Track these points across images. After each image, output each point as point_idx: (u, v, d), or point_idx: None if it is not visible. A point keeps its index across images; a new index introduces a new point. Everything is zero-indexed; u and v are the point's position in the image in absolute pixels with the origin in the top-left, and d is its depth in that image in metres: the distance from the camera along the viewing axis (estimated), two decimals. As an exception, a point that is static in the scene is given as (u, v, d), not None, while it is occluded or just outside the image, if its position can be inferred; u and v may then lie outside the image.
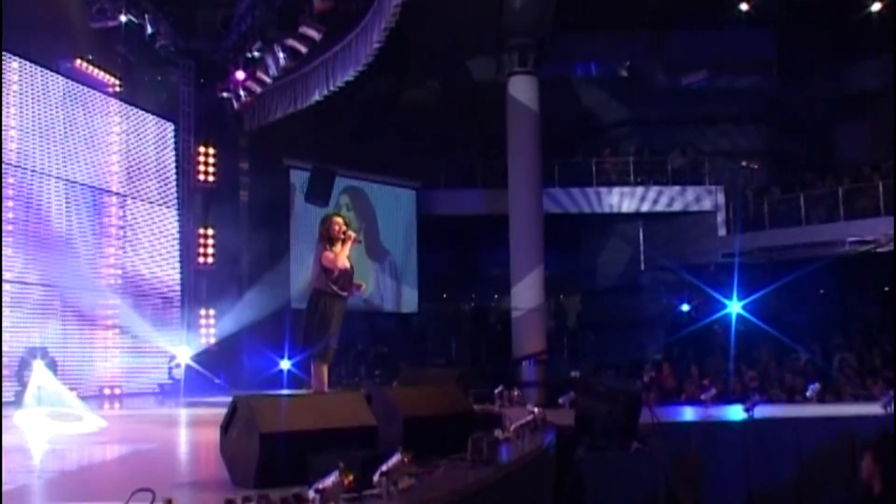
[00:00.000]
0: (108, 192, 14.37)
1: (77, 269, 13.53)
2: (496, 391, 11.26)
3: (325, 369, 8.59)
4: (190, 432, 8.18)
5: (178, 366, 15.00)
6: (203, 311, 16.03)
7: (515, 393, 10.69)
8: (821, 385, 11.08)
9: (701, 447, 8.03)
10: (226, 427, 5.16)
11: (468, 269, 24.26)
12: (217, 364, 16.06)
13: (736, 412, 9.15)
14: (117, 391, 13.78)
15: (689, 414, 9.78)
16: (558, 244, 21.18)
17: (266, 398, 5.21)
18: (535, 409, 7.95)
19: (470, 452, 5.68)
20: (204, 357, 15.55)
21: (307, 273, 8.79)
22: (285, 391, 15.93)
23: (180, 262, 15.81)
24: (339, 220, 8.74)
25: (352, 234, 8.57)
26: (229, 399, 13.31)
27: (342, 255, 8.39)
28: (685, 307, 20.20)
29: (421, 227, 20.95)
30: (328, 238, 8.46)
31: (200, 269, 16.04)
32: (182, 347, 15.18)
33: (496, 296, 24.70)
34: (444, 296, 24.81)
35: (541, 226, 19.70)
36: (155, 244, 15.32)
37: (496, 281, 23.49)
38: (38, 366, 11.58)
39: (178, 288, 15.72)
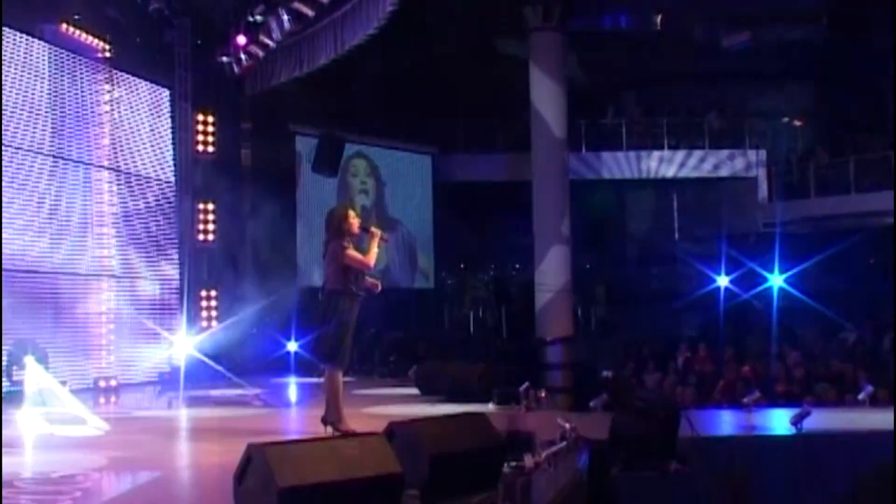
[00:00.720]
0: (98, 167, 14.29)
1: (67, 253, 13.50)
2: (521, 389, 11.24)
3: (339, 376, 8.68)
4: (195, 450, 8.16)
5: (177, 353, 15.02)
6: (204, 293, 16.03)
7: (542, 394, 10.70)
8: (873, 387, 11.00)
9: (746, 466, 7.98)
10: (239, 477, 5.13)
11: (488, 239, 24.17)
12: (220, 349, 16.10)
13: (782, 421, 9.09)
14: (113, 383, 13.81)
15: (730, 422, 9.73)
16: (585, 212, 21.10)
17: (282, 447, 5.16)
18: (567, 425, 7.91)
19: (501, 496, 5.66)
20: (205, 342, 15.58)
21: (324, 269, 8.82)
22: (293, 378, 16.07)
23: (178, 240, 15.77)
24: (353, 213, 8.82)
25: (377, 230, 8.68)
26: (233, 391, 13.41)
27: (372, 255, 8.52)
28: (722, 281, 20.09)
29: (437, 195, 20.87)
30: (347, 234, 8.53)
31: (200, 248, 16.01)
32: (181, 334, 15.20)
33: (518, 266, 24.66)
34: (462, 266, 24.80)
35: (566, 193, 19.60)
36: (151, 222, 15.28)
37: (518, 250, 23.43)
38: (31, 363, 11.59)
39: (176, 269, 15.70)
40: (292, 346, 17.42)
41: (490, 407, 10.95)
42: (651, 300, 21.24)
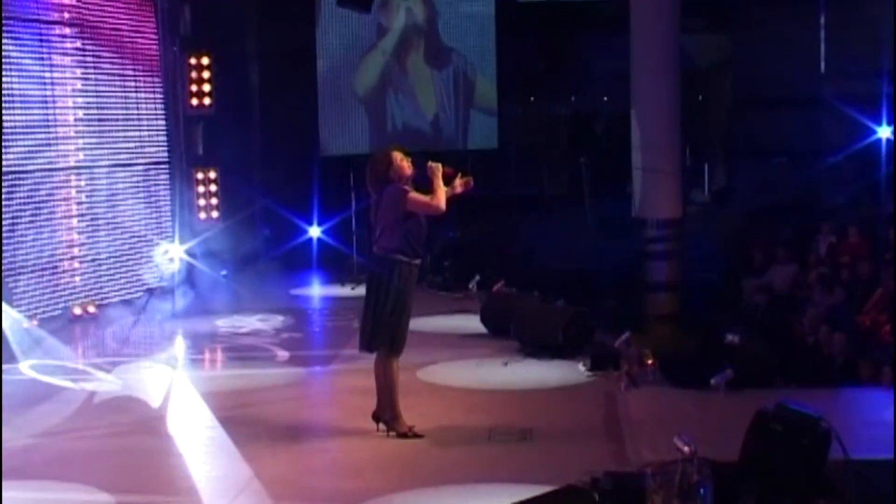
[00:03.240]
0: (55, 23, 14.23)
1: (20, 143, 13.51)
2: (620, 342, 11.45)
3: (396, 365, 9.05)
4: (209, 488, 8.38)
5: (169, 259, 15.34)
6: (200, 175, 16.15)
7: (649, 361, 10.86)
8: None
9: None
10: None
11: (566, 64, 23.91)
12: (224, 245, 16.36)
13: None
14: (91, 309, 14.18)
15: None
16: (698, 32, 20.74)
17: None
18: (686, 448, 8.10)
19: None
20: (205, 240, 15.84)
21: (375, 227, 9.01)
22: (317, 289, 16.40)
23: (165, 106, 15.83)
24: (399, 154, 9.04)
25: (435, 164, 8.95)
26: (245, 323, 13.72)
27: (440, 192, 8.81)
28: (884, 132, 19.88)
29: (501, 19, 20.61)
30: (400, 179, 8.88)
31: (194, 115, 16.03)
32: (172, 232, 15.48)
33: (606, 97, 24.50)
34: (533, 99, 24.68)
35: (674, 8, 19.18)
36: (128, 86, 15.30)
37: (606, 79, 23.19)
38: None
39: (164, 146, 15.83)
40: (314, 232, 17.81)
41: (580, 370, 11.25)
42: (785, 153, 21.05)
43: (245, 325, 13.77)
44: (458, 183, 9.05)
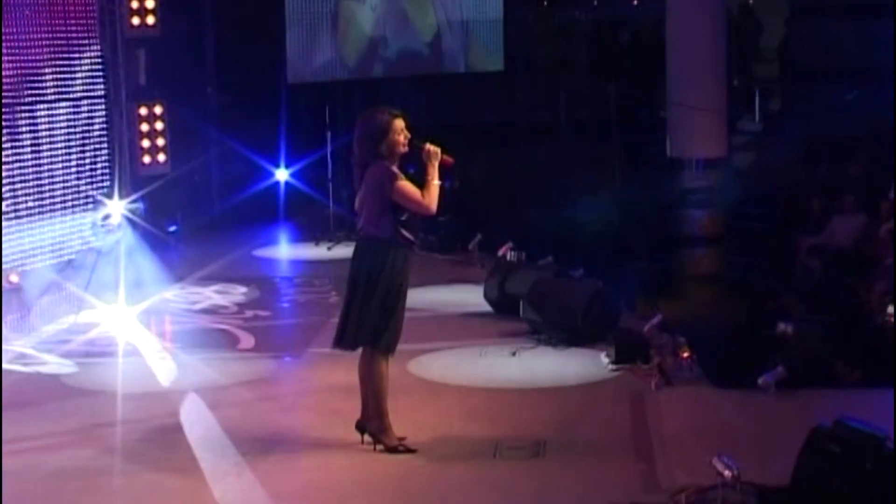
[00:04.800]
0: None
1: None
2: (649, 326, 11.66)
3: (385, 366, 9.15)
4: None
5: (107, 216, 15.37)
6: (144, 110, 16.12)
7: (685, 353, 10.98)
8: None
9: None
10: None
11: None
12: (173, 193, 16.42)
13: None
14: (13, 278, 14.24)
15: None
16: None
17: None
18: (727, 472, 8.30)
19: None
20: (151, 191, 15.85)
21: (359, 205, 9.10)
22: (284, 246, 16.51)
23: (100, 27, 15.80)
24: (399, 122, 9.02)
25: (433, 147, 8.99)
26: (200, 294, 13.82)
27: (432, 189, 8.89)
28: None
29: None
30: (391, 155, 8.94)
31: (136, 38, 15.97)
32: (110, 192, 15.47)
33: (634, 2, 24.58)
34: (546, 2, 24.74)
35: None
36: (56, 9, 15.30)
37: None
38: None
39: (98, 75, 15.83)
40: (281, 175, 17.92)
41: (603, 362, 11.38)
42: (854, 75, 21.09)
43: (200, 299, 13.82)
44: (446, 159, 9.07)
